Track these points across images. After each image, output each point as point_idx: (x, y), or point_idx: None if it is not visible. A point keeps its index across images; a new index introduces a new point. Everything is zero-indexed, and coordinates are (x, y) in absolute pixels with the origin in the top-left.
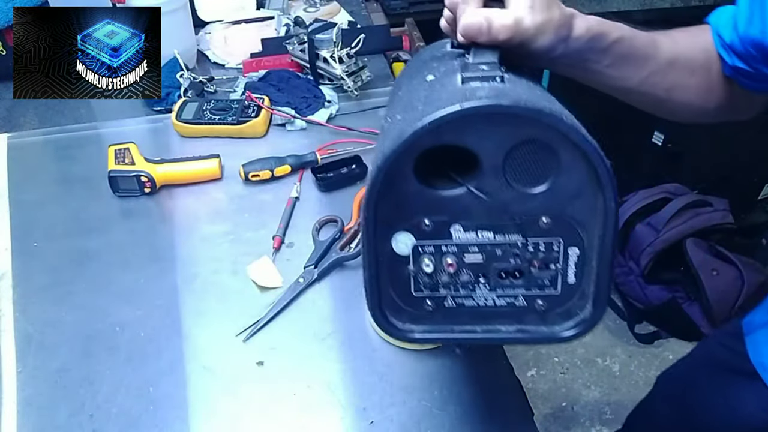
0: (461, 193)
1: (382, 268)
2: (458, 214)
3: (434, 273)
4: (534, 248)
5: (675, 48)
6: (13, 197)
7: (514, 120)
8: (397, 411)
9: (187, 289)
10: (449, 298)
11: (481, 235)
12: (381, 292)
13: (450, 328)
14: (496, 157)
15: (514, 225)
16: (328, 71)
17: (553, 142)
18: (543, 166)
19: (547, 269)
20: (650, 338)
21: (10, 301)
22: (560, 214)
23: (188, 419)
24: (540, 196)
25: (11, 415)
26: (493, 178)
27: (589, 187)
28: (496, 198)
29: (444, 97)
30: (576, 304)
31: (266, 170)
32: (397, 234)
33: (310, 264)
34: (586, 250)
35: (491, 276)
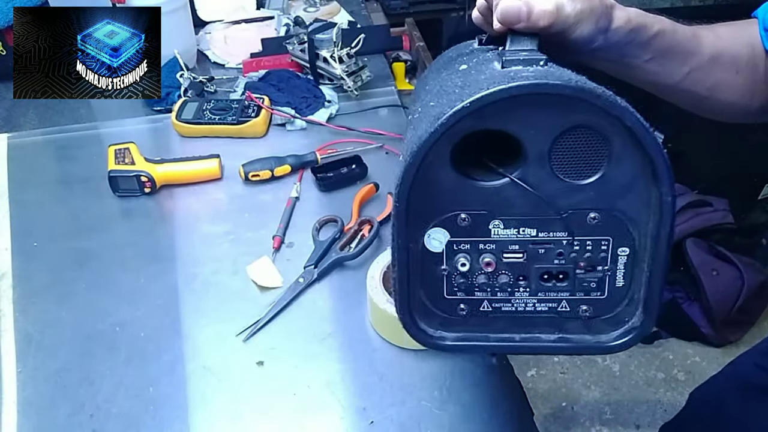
0: (502, 185)
1: (413, 267)
2: (498, 208)
3: (470, 273)
4: (580, 247)
5: (719, 43)
6: (13, 197)
7: (564, 102)
8: (397, 411)
9: (187, 289)
10: (485, 301)
11: (522, 232)
12: (411, 293)
13: (485, 336)
14: (542, 144)
15: (560, 221)
16: (328, 71)
17: (605, 127)
18: (593, 155)
19: (593, 271)
20: (650, 338)
21: (10, 301)
22: (610, 210)
23: (188, 419)
24: (588, 189)
25: (11, 415)
26: (538, 168)
27: (643, 179)
28: (540, 190)
29: (483, 80)
30: (624, 311)
31: (266, 170)
32: (430, 230)
33: (310, 264)
34: (638, 251)
35: (532, 278)
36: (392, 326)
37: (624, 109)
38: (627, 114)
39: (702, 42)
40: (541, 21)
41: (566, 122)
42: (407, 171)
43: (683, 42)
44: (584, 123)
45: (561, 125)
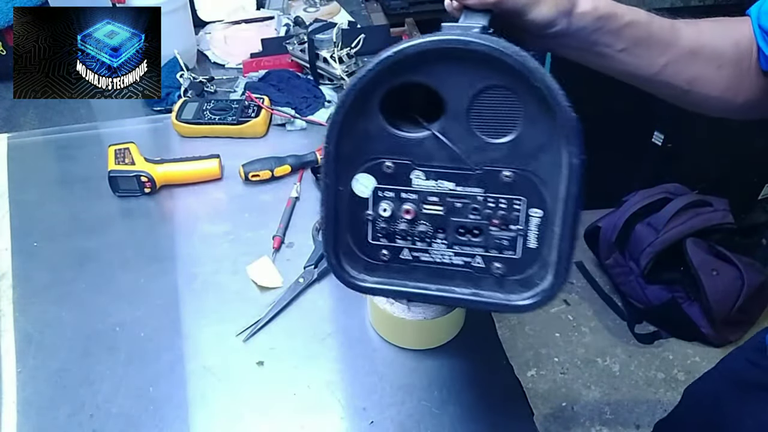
0: (425, 137)
1: (341, 210)
2: (420, 159)
3: (391, 219)
4: (494, 204)
5: (700, 37)
6: (13, 197)
7: (479, 59)
8: (397, 411)
9: (187, 289)
10: (406, 249)
11: (441, 184)
12: (338, 235)
13: (404, 283)
14: (461, 101)
15: (475, 177)
16: (328, 71)
17: (520, 88)
18: (509, 115)
19: (507, 229)
20: (650, 338)
21: (10, 301)
22: (523, 169)
23: (188, 419)
24: (504, 148)
25: (11, 415)
26: (457, 124)
27: (554, 140)
28: (458, 145)
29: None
30: (536, 273)
31: (266, 170)
32: (358, 175)
33: (310, 264)
34: (549, 212)
35: (449, 230)
36: (392, 326)
37: (535, 69)
38: (537, 73)
39: (680, 35)
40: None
41: (483, 80)
42: (336, 113)
43: (659, 33)
44: (500, 83)
45: (479, 83)
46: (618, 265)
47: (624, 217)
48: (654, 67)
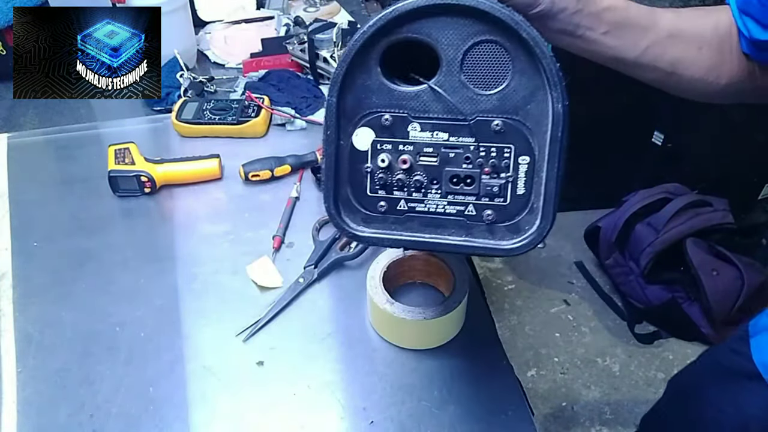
0: (421, 90)
1: (341, 163)
2: (417, 112)
3: (389, 170)
4: (486, 153)
5: (678, 21)
6: (13, 197)
7: (470, 14)
8: (397, 411)
9: (187, 289)
10: (402, 200)
11: (436, 136)
12: (338, 187)
13: (399, 233)
14: (454, 54)
15: (467, 127)
16: (328, 71)
17: (508, 41)
18: (499, 67)
19: (497, 177)
20: (650, 338)
21: (10, 301)
22: (512, 119)
23: (188, 419)
24: (493, 98)
25: (11, 415)
26: (450, 77)
27: (542, 91)
28: (452, 96)
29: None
30: (524, 219)
31: (266, 170)
32: (358, 129)
33: (310, 264)
34: (537, 160)
35: (443, 180)
36: (392, 326)
37: (521, 22)
38: (523, 26)
39: (658, 18)
40: None
41: (474, 34)
42: (339, 68)
43: (638, 17)
44: (490, 37)
45: (469, 37)
46: (618, 265)
47: (624, 217)
48: (637, 50)
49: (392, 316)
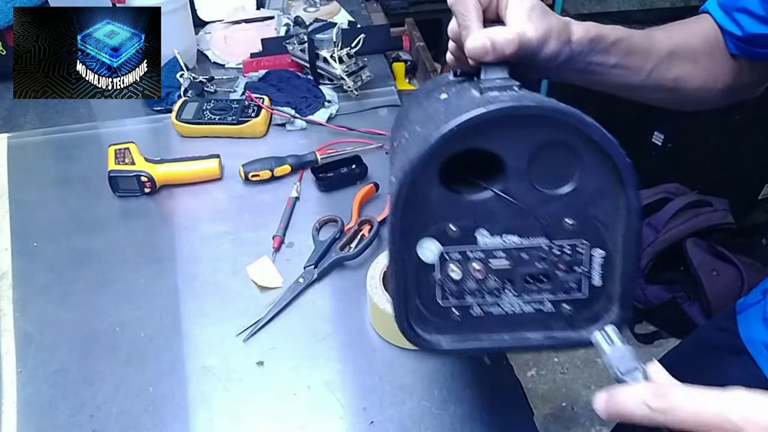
0: (486, 198)
1: (408, 277)
2: (484, 219)
3: (461, 280)
4: (559, 251)
5: (672, 39)
6: (13, 197)
7: (537, 121)
8: (397, 411)
9: (187, 289)
10: (476, 306)
11: (506, 240)
12: (408, 302)
13: (478, 337)
14: (520, 159)
15: (539, 228)
16: (328, 71)
17: (576, 142)
18: (566, 167)
19: (572, 272)
20: (650, 338)
21: (10, 301)
22: (584, 215)
23: (188, 419)
24: (564, 198)
25: (11, 415)
26: (518, 181)
27: (611, 186)
28: (521, 201)
29: (465, 105)
30: (603, 308)
31: (266, 170)
32: (422, 241)
33: (310, 264)
34: (611, 251)
35: (518, 281)
36: (392, 326)
37: (591, 125)
38: (594, 129)
39: (656, 41)
40: (506, 50)
41: (541, 139)
42: (401, 189)
43: (640, 43)
44: (557, 139)
45: (537, 142)
46: None
47: None
48: (642, 75)
49: (392, 316)
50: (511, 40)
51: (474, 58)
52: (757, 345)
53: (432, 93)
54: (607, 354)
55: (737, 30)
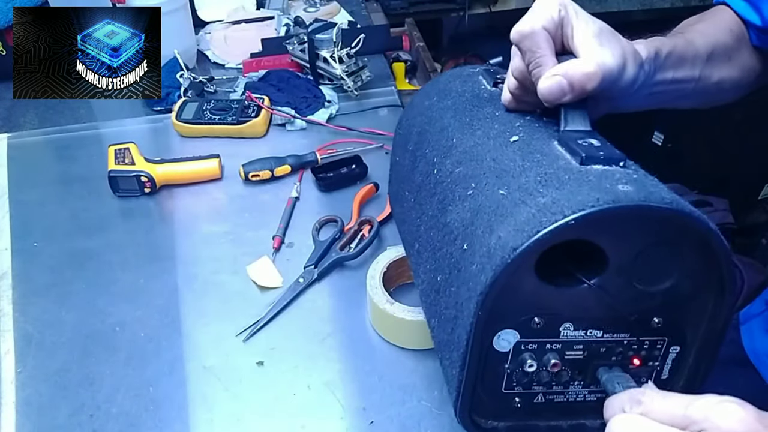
0: (580, 290)
1: (477, 366)
2: (572, 312)
3: (534, 372)
4: (638, 346)
5: (707, 40)
6: (13, 197)
7: (659, 221)
8: (397, 411)
9: (187, 289)
10: (540, 394)
11: (589, 334)
12: (474, 393)
13: (536, 425)
14: (626, 256)
15: (626, 324)
16: (328, 71)
17: (686, 242)
18: (669, 266)
19: (645, 366)
20: None
21: (10, 301)
22: (674, 315)
23: (188, 419)
24: (658, 296)
25: (11, 415)
26: (617, 277)
27: (707, 289)
28: (615, 296)
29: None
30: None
31: (266, 170)
32: (502, 331)
33: (310, 264)
34: (688, 347)
35: (589, 373)
36: (392, 326)
37: (712, 231)
38: (713, 236)
39: (696, 44)
40: (588, 85)
41: (654, 239)
42: (497, 282)
43: (687, 52)
44: (673, 240)
45: (648, 241)
46: None
47: None
48: (692, 84)
49: (392, 316)
50: (592, 74)
51: (549, 100)
52: (761, 357)
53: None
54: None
55: (760, 21)
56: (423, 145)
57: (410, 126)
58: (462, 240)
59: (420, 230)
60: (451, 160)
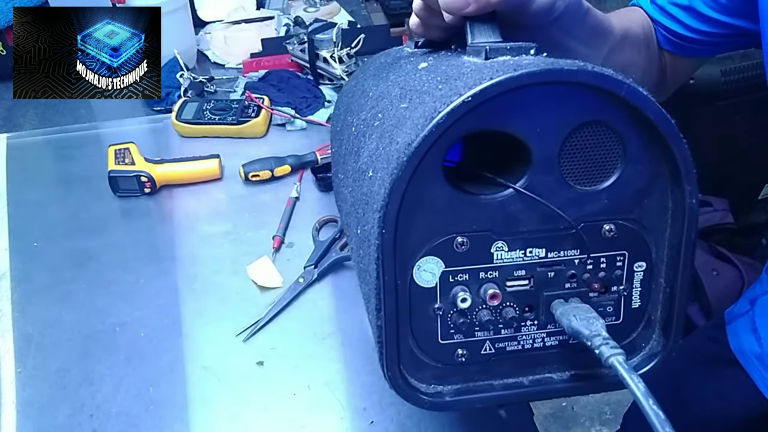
0: (505, 198)
1: (400, 308)
2: (502, 227)
3: (470, 309)
4: (594, 266)
5: (623, 23)
6: (12, 197)
7: (577, 94)
8: (397, 411)
9: (187, 289)
10: (487, 342)
11: (530, 254)
12: (400, 343)
13: (489, 384)
14: (550, 146)
15: (571, 236)
16: (328, 71)
17: (621, 122)
18: (607, 155)
19: (608, 292)
20: None
21: (9, 301)
22: (626, 219)
23: (188, 419)
24: (602, 196)
25: (11, 415)
26: (546, 175)
27: (662, 180)
28: (550, 199)
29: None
30: (640, 335)
31: (266, 170)
32: (420, 260)
33: (310, 264)
34: (654, 265)
35: (541, 308)
36: None
37: (648, 100)
38: (651, 106)
39: (612, 22)
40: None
41: (578, 118)
42: (395, 187)
43: (603, 21)
44: (598, 119)
45: (572, 122)
46: None
47: None
48: (599, 58)
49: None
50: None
51: (452, 10)
52: (748, 357)
53: (397, 66)
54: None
55: (677, 27)
56: (347, 117)
57: (338, 109)
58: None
59: (347, 198)
60: (365, 110)
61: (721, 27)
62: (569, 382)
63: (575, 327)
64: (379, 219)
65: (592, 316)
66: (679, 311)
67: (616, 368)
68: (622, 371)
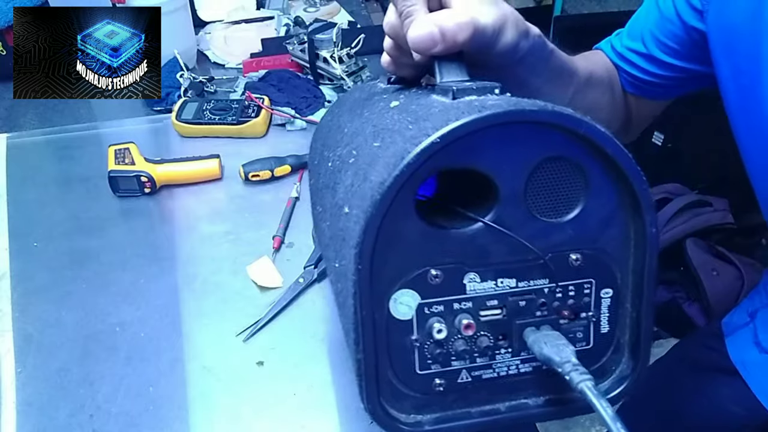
0: (476, 231)
1: (378, 341)
2: (473, 259)
3: (446, 340)
4: (563, 294)
5: (588, 66)
6: (12, 197)
7: (540, 132)
8: None
9: (187, 289)
10: (464, 371)
11: (501, 284)
12: (379, 375)
13: (467, 412)
14: (516, 181)
15: (540, 267)
16: (328, 71)
17: (583, 158)
18: (570, 189)
19: (578, 319)
20: None
21: (9, 301)
22: (591, 248)
23: (188, 419)
24: (568, 227)
25: (11, 415)
26: (513, 209)
27: (622, 211)
28: (517, 233)
29: (442, 113)
30: (610, 359)
31: (266, 170)
32: (396, 293)
33: (310, 264)
34: (620, 291)
35: (514, 336)
36: None
37: (606, 137)
38: (609, 142)
39: (577, 64)
40: (459, 36)
41: (541, 154)
42: (370, 224)
43: (567, 63)
44: (562, 154)
45: (536, 158)
46: None
47: None
48: (564, 99)
49: None
50: (464, 24)
51: (420, 50)
52: (749, 368)
53: (370, 102)
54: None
55: (634, 70)
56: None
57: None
58: (345, 205)
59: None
60: (341, 146)
61: (678, 71)
62: (544, 407)
63: (546, 354)
64: (355, 255)
65: (562, 342)
66: (646, 334)
67: (585, 393)
68: (591, 396)
